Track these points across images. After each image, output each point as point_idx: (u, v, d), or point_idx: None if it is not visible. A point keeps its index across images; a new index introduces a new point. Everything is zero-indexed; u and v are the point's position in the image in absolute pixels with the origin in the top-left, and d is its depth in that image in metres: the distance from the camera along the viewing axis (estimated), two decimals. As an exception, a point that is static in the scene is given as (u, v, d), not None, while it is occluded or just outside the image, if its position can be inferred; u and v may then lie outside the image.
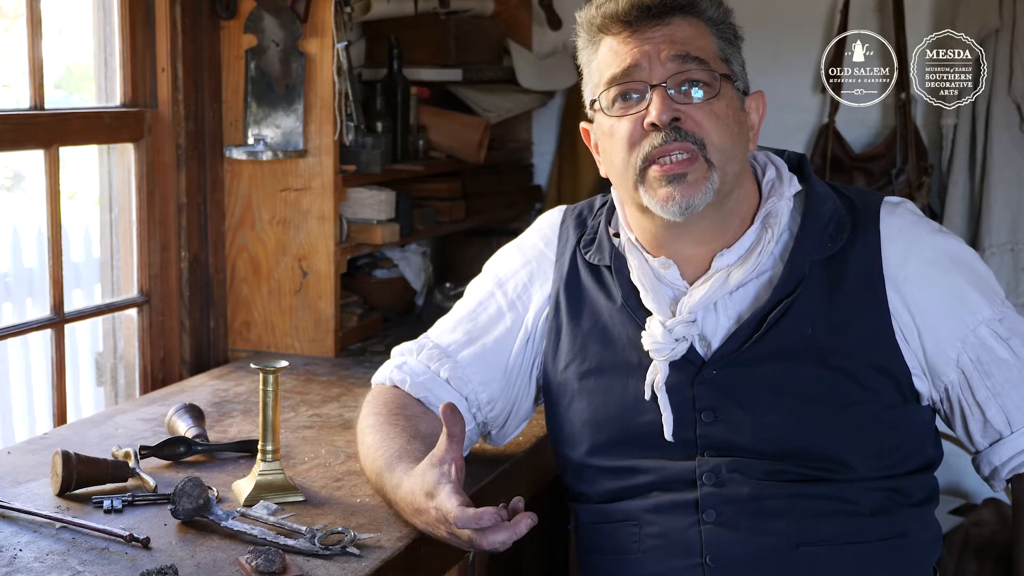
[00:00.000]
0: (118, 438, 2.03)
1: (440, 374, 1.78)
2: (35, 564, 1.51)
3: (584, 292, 1.72)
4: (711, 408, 1.60)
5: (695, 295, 1.61)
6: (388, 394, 1.79)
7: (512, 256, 1.84)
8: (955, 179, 3.31)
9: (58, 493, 1.74)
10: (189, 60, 2.59)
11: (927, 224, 1.66)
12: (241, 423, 2.16)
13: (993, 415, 1.61)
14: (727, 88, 1.60)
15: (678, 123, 1.56)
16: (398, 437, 1.67)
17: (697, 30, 1.60)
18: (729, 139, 1.58)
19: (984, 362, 1.60)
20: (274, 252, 2.72)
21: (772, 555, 1.56)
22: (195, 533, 1.61)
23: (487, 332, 1.79)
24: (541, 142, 3.89)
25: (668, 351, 1.60)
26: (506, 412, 1.80)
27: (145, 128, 2.57)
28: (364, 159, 2.80)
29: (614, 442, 1.66)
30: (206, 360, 2.70)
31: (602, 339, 1.68)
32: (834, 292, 1.59)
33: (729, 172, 1.59)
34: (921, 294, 1.59)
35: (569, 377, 1.71)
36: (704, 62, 1.58)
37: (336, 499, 1.76)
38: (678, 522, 1.60)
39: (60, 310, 2.39)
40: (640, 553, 1.63)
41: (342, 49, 2.64)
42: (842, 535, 1.57)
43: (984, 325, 1.60)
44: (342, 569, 1.51)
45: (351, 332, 2.82)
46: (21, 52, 2.31)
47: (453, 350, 1.79)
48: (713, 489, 1.58)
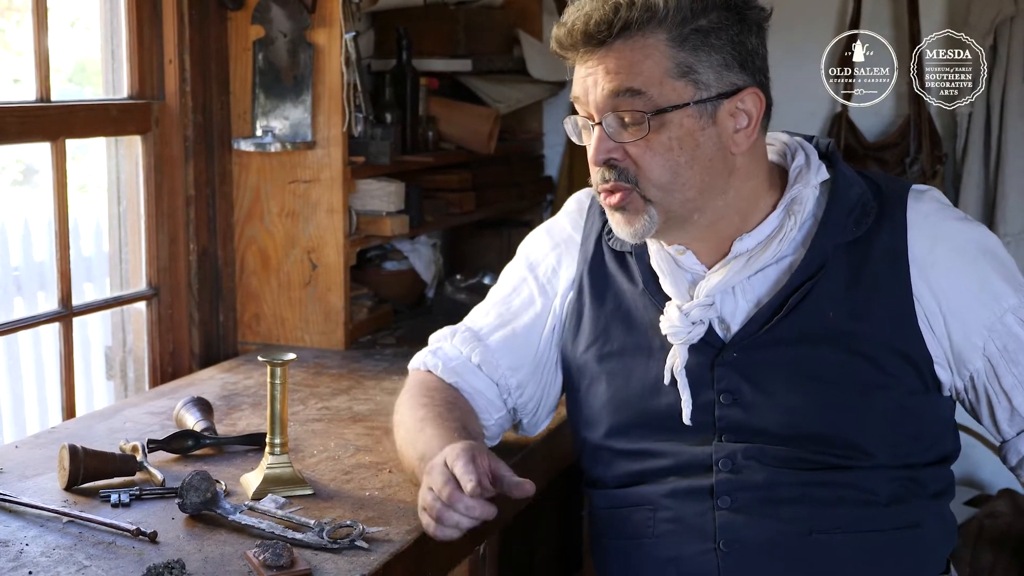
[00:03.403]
0: (126, 432, 2.02)
1: (472, 359, 1.79)
2: (42, 558, 1.50)
3: (608, 275, 1.73)
4: (729, 390, 1.59)
5: (712, 279, 1.61)
6: (422, 379, 1.81)
7: (542, 239, 1.85)
8: (969, 168, 3.29)
9: (65, 487, 1.73)
10: (196, 52, 2.57)
11: (953, 212, 1.64)
12: (250, 416, 2.15)
13: (1021, 403, 1.59)
14: (675, 116, 1.53)
15: (615, 160, 1.56)
16: (429, 408, 1.71)
17: (642, 52, 1.52)
18: (670, 172, 1.54)
19: (1011, 350, 1.59)
20: (283, 244, 2.71)
21: (785, 541, 1.56)
22: (203, 527, 1.60)
23: (518, 317, 1.80)
24: (552, 133, 3.86)
25: (685, 334, 1.60)
26: (536, 398, 1.81)
27: (152, 120, 2.55)
28: (373, 150, 2.78)
29: (632, 424, 1.66)
30: (215, 353, 2.69)
31: (625, 322, 1.69)
32: (857, 277, 1.58)
33: (677, 200, 1.56)
34: (948, 281, 1.57)
35: (589, 359, 1.71)
36: (640, 93, 1.52)
37: (345, 492, 1.75)
38: (693, 507, 1.60)
39: (68, 303, 2.38)
40: (654, 538, 1.63)
41: (350, 40, 2.63)
42: (857, 523, 1.56)
43: (1011, 313, 1.59)
44: (350, 563, 1.50)
45: (361, 325, 2.81)
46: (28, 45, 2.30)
47: (485, 334, 1.80)
48: (729, 475, 1.58)
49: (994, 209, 3.26)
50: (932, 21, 3.30)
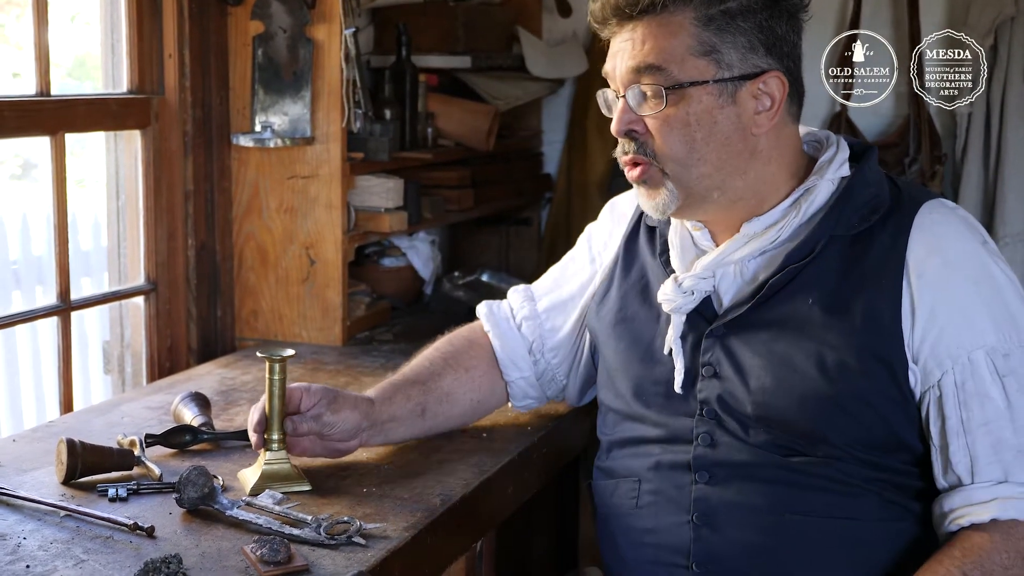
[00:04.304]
0: (124, 426, 2.02)
1: (516, 316, 1.96)
2: (39, 552, 1.50)
3: (638, 249, 1.82)
4: (711, 363, 1.65)
5: (711, 255, 1.67)
6: (469, 325, 2.02)
7: (605, 213, 1.96)
8: (969, 168, 3.29)
9: (63, 481, 1.72)
10: (196, 47, 2.57)
11: (971, 232, 1.60)
12: (247, 412, 2.13)
13: (956, 454, 1.52)
14: (694, 92, 1.58)
15: (636, 133, 1.62)
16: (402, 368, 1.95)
17: (668, 29, 1.58)
18: (686, 146, 1.60)
19: (967, 391, 1.52)
20: (281, 240, 2.71)
21: (757, 520, 1.59)
22: (200, 522, 1.60)
23: (569, 282, 1.95)
24: (551, 130, 3.87)
25: (673, 303, 1.67)
26: (568, 362, 1.95)
27: (152, 115, 2.55)
28: (372, 147, 2.78)
29: (632, 390, 1.75)
30: (213, 349, 2.69)
31: (643, 293, 1.78)
32: (849, 271, 1.59)
33: (694, 175, 1.61)
34: (930, 293, 1.54)
35: (605, 325, 1.81)
36: (661, 70, 1.58)
37: (343, 489, 1.75)
38: (673, 481, 1.66)
39: (66, 297, 2.38)
40: (638, 509, 1.71)
41: (350, 36, 2.62)
42: (830, 510, 1.58)
43: (983, 351, 1.52)
44: (347, 559, 1.49)
45: (359, 321, 2.80)
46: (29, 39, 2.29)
47: (539, 295, 1.98)
48: (707, 450, 1.64)
49: (993, 210, 3.26)
50: (932, 21, 3.30)
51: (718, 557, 1.62)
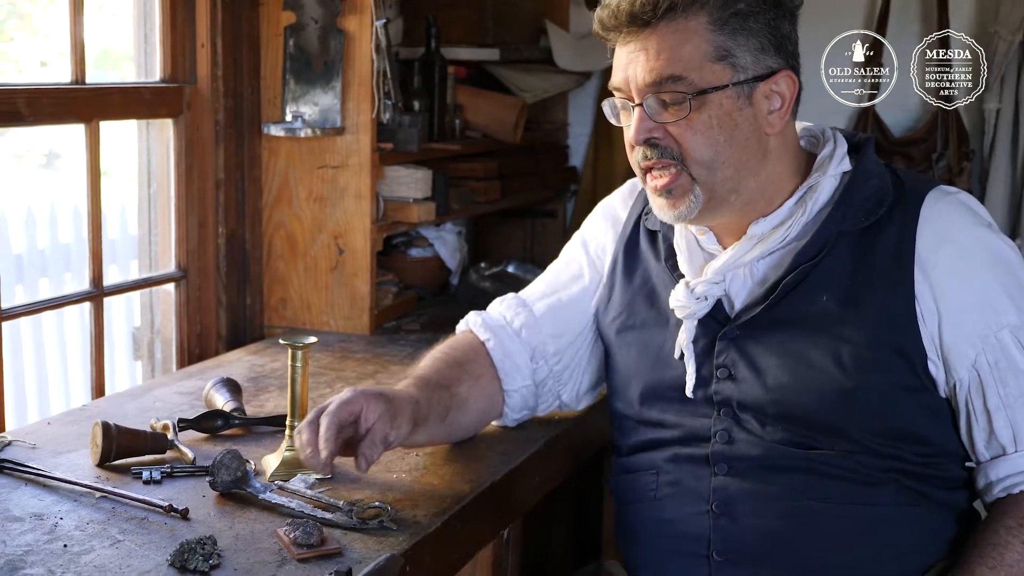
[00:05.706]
0: (156, 411, 2.04)
1: (513, 323, 1.88)
2: (76, 532, 1.52)
3: (640, 253, 1.81)
4: (726, 365, 1.66)
5: (721, 259, 1.67)
6: (460, 335, 1.92)
7: (598, 217, 1.93)
8: (996, 164, 3.28)
9: (98, 463, 1.75)
10: (228, 36, 2.59)
11: (975, 217, 1.62)
12: (277, 398, 2.17)
13: (1000, 427, 1.57)
14: (715, 97, 1.57)
15: (656, 139, 1.61)
16: (433, 358, 1.86)
17: (683, 35, 1.57)
18: (711, 149, 1.59)
19: (1002, 368, 1.56)
20: (310, 229, 2.73)
21: (776, 506, 1.61)
22: (233, 505, 1.62)
23: (566, 287, 1.90)
24: (577, 123, 3.87)
25: (687, 310, 1.67)
26: (571, 367, 1.89)
27: (184, 104, 2.57)
28: (401, 137, 2.79)
29: (645, 395, 1.75)
30: (242, 336, 2.71)
31: (649, 298, 1.77)
32: (859, 265, 1.60)
33: (719, 178, 1.61)
34: (948, 283, 1.57)
35: (614, 331, 1.81)
36: (682, 79, 1.56)
37: (370, 475, 1.75)
38: (691, 472, 1.68)
39: (99, 284, 2.41)
40: (656, 500, 1.72)
41: (381, 27, 2.64)
42: (851, 497, 1.59)
43: (1008, 330, 1.56)
44: (379, 543, 1.51)
45: (386, 310, 2.82)
46: (58, 30, 2.32)
47: (531, 301, 1.91)
48: (725, 447, 1.65)
49: (1021, 206, 3.25)
50: (961, 16, 3.28)
51: (737, 545, 1.63)
